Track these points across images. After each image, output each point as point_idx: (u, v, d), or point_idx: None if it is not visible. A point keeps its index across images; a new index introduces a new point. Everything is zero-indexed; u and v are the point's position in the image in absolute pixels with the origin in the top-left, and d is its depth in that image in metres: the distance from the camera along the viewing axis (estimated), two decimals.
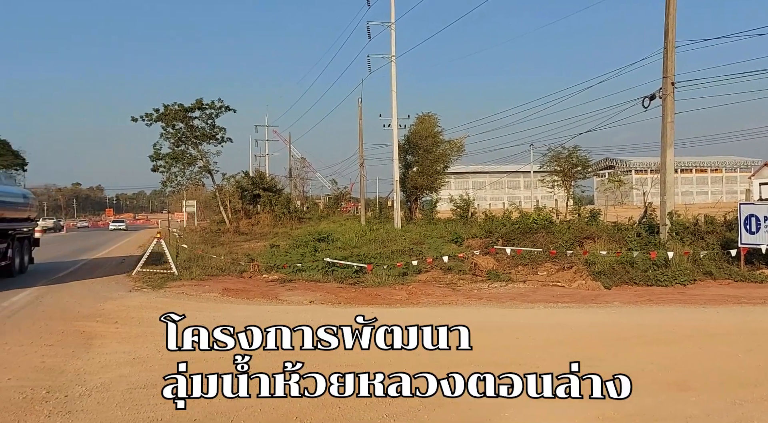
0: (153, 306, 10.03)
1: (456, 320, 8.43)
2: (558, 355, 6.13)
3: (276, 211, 41.61)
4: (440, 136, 32.44)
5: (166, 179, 41.11)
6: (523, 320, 8.59)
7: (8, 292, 12.00)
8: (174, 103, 38.39)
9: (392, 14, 26.87)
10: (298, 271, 14.08)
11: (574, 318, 8.86)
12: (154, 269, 14.83)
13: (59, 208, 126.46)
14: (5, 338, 7.35)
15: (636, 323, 8.36)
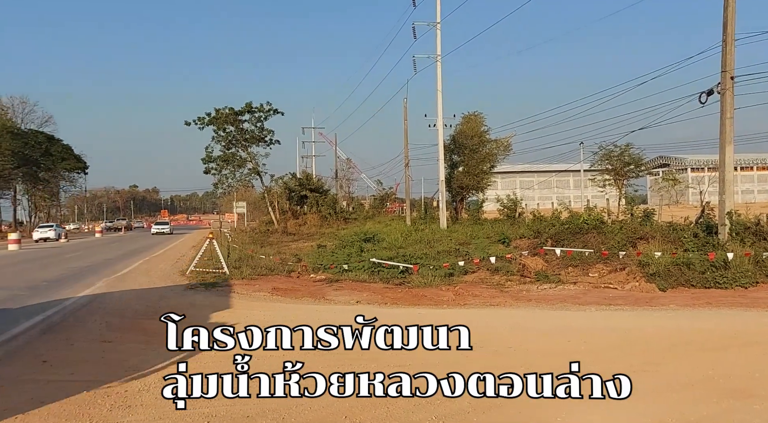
0: (206, 304, 10.34)
1: (505, 322, 8.37)
2: (614, 359, 5.97)
3: (322, 211, 42.14)
4: (486, 136, 32.11)
5: (218, 181, 42.39)
6: (574, 323, 8.39)
7: (72, 289, 12.62)
8: (225, 107, 39.54)
9: (438, 14, 26.81)
10: (345, 271, 14.21)
11: (628, 321, 8.59)
12: (206, 269, 15.27)
13: (118, 209, 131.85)
14: (69, 334, 7.72)
15: (694, 327, 8.03)
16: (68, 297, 11.40)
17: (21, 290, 12.44)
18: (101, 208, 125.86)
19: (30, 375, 5.81)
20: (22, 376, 5.81)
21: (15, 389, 5.34)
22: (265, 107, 40.20)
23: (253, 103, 39.90)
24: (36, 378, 5.70)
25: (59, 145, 54.16)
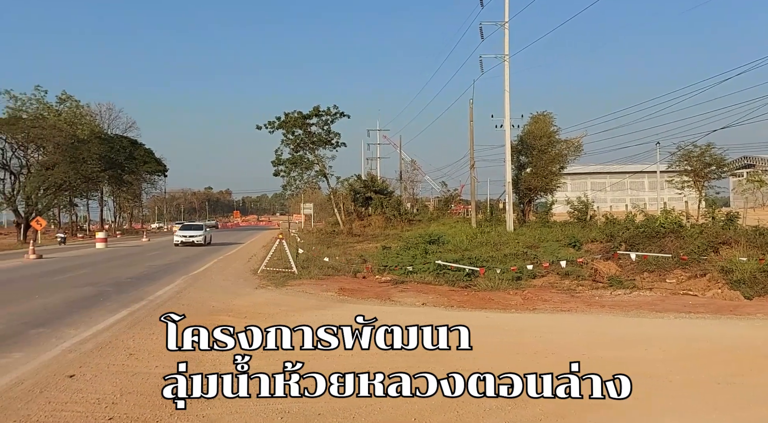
0: (277, 303, 10.68)
1: (576, 328, 8.13)
2: (694, 369, 5.69)
3: (387, 213, 42.46)
4: (556, 136, 31.30)
5: (286, 183, 43.63)
6: (651, 331, 8.03)
7: (154, 285, 13.37)
8: (293, 111, 40.64)
9: (506, 13, 26.43)
10: (410, 273, 14.24)
11: (710, 330, 8.13)
12: (276, 268, 15.76)
13: (194, 210, 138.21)
14: (153, 329, 8.18)
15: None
16: (151, 293, 12.10)
17: (108, 286, 13.31)
18: (179, 208, 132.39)
19: (118, 366, 6.21)
20: (112, 366, 6.22)
21: (106, 380, 5.72)
22: (332, 110, 41.03)
23: (320, 106, 40.84)
24: (123, 370, 6.08)
25: (142, 149, 57.47)
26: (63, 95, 53.58)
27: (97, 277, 15.66)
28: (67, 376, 5.83)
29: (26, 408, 4.86)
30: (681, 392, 5.03)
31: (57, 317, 9.20)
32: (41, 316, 9.37)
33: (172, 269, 17.72)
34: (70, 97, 53.96)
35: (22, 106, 49.37)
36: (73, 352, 6.81)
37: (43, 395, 5.21)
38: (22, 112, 48.47)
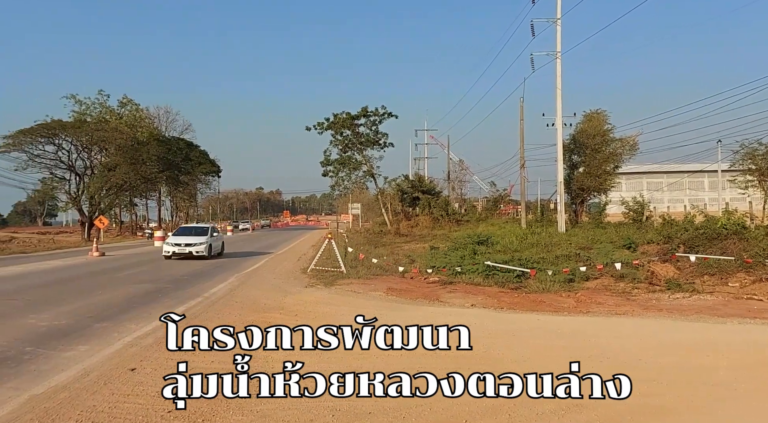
0: (326, 302, 10.83)
1: (633, 332, 7.88)
2: (762, 377, 5.41)
3: (434, 213, 42.27)
4: (610, 134, 30.38)
5: (335, 183, 44.10)
6: (712, 336, 7.69)
7: (209, 283, 13.81)
8: (342, 112, 41.06)
9: (558, 10, 25.87)
10: (458, 274, 14.13)
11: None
12: (325, 267, 15.97)
13: (246, 209, 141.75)
14: (208, 325, 8.43)
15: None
16: (206, 290, 12.50)
17: (166, 284, 13.82)
18: (232, 208, 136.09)
19: (176, 361, 6.42)
20: (170, 360, 6.44)
21: (165, 374, 5.94)
22: (380, 111, 41.21)
23: (368, 107, 41.09)
24: (184, 363, 6.29)
25: (197, 150, 59.33)
26: (124, 99, 55.98)
27: (155, 274, 16.29)
28: (129, 369, 6.09)
29: (92, 399, 5.11)
30: (746, 401, 4.80)
31: (119, 312, 9.64)
32: (105, 311, 9.84)
33: (226, 267, 18.23)
34: (131, 101, 56.31)
35: (86, 110, 51.92)
36: (134, 347, 7.11)
37: (107, 387, 5.46)
38: (86, 116, 50.96)
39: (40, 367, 6.19)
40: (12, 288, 13.34)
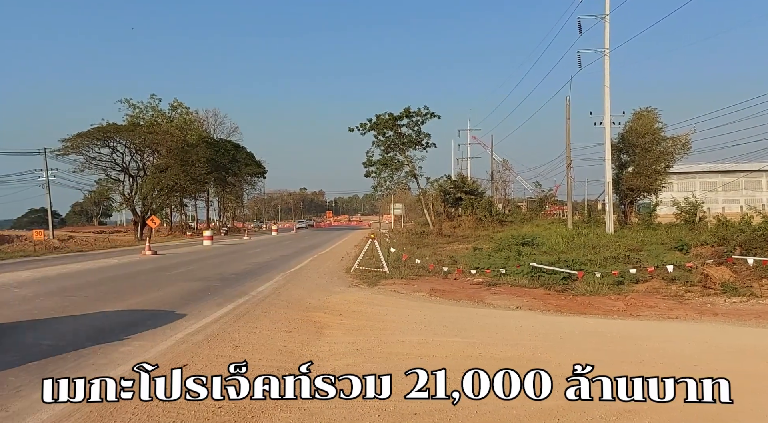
0: (370, 302, 10.89)
1: (687, 337, 7.60)
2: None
3: (477, 214, 41.89)
4: (661, 133, 29.38)
5: (377, 184, 44.28)
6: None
7: (256, 281, 14.10)
8: (384, 113, 41.21)
9: (607, 6, 25.23)
10: (502, 275, 13.97)
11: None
12: (368, 267, 16.06)
13: (290, 210, 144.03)
14: (256, 323, 8.64)
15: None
16: (253, 289, 12.77)
17: (215, 281, 14.20)
18: (276, 208, 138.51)
19: (225, 358, 6.61)
20: (220, 357, 6.63)
21: (215, 370, 6.11)
22: (422, 111, 41.16)
23: (411, 107, 41.10)
24: (230, 361, 6.46)
25: (244, 152, 60.77)
26: (174, 102, 57.90)
27: (205, 272, 16.76)
28: (180, 365, 6.28)
29: (146, 394, 5.29)
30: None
31: (171, 309, 9.96)
32: (158, 307, 10.19)
33: (272, 266, 18.57)
34: (181, 105, 58.17)
35: (139, 113, 53.90)
36: (185, 343, 7.33)
37: (160, 383, 5.64)
38: (139, 119, 52.91)
39: (97, 361, 6.46)
40: (71, 285, 13.98)
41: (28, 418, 4.66)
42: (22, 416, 4.69)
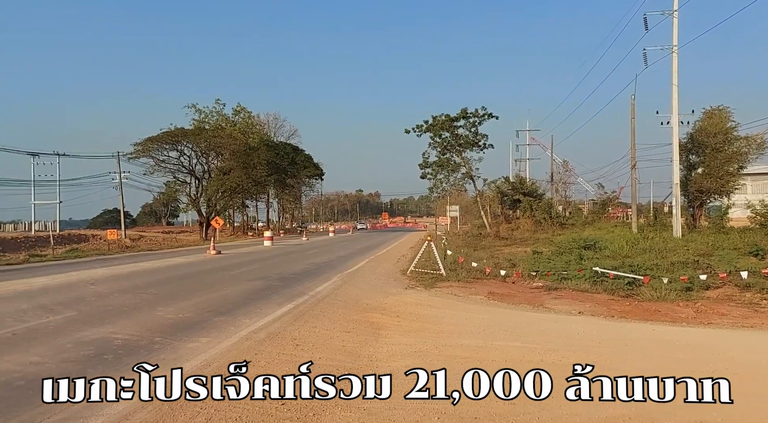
0: (427, 304, 10.89)
1: (763, 347, 7.18)
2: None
3: (536, 216, 41.03)
4: (733, 132, 27.83)
5: (433, 185, 44.15)
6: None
7: (314, 281, 14.38)
8: (441, 114, 41.06)
9: (675, 1, 24.17)
10: (563, 279, 13.64)
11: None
12: (425, 269, 16.05)
13: (346, 211, 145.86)
14: (315, 323, 8.82)
15: None
16: (311, 289, 13.04)
17: (275, 281, 14.59)
18: (333, 210, 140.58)
19: (286, 356, 6.79)
20: (281, 355, 6.82)
21: (277, 367, 6.30)
22: (479, 112, 40.73)
23: (468, 108, 40.76)
24: (291, 359, 6.64)
25: (302, 154, 62.08)
26: (238, 107, 59.89)
27: (266, 272, 17.24)
28: (245, 361, 6.50)
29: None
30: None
31: (235, 307, 10.32)
32: (222, 305, 10.57)
33: (330, 267, 18.88)
34: (244, 109, 60.11)
35: (205, 118, 56.06)
36: (248, 341, 7.58)
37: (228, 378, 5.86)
38: (205, 124, 55.03)
39: (167, 356, 6.78)
40: (142, 283, 14.71)
41: (106, 409, 4.91)
42: (92, 409, 4.85)
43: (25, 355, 6.73)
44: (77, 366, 6.24)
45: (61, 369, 6.13)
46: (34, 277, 16.34)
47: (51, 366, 6.26)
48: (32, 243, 34.01)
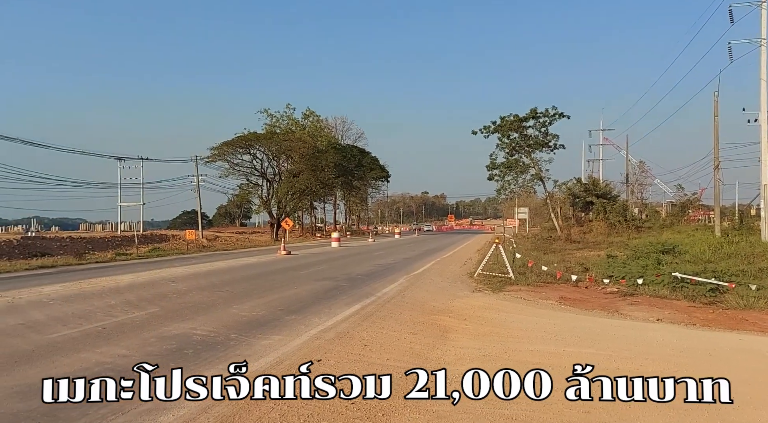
0: (495, 307, 10.74)
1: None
2: None
3: (610, 219, 39.52)
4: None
5: (500, 187, 43.43)
6: None
7: (381, 283, 14.52)
8: (509, 115, 40.35)
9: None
10: (640, 285, 13.07)
11: None
12: (492, 272, 15.83)
13: (411, 213, 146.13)
14: (383, 323, 8.91)
15: None
16: (378, 290, 13.17)
17: (343, 281, 14.84)
18: (398, 212, 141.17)
19: (355, 356, 6.90)
20: (350, 355, 6.94)
21: (346, 367, 6.41)
22: (550, 112, 39.70)
23: (537, 108, 39.83)
24: (360, 359, 6.74)
25: (369, 157, 62.87)
26: (307, 111, 61.50)
27: (333, 272, 17.58)
28: (315, 360, 6.66)
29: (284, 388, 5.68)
30: None
31: (304, 306, 10.59)
32: (293, 304, 10.88)
33: (396, 268, 18.99)
34: (313, 113, 61.65)
35: (276, 122, 57.90)
36: (318, 340, 7.76)
37: (304, 379, 6.02)
38: (276, 128, 56.84)
39: (243, 352, 7.05)
40: (218, 281, 15.38)
41: (184, 403, 5.18)
42: (164, 405, 5.05)
43: (115, 348, 7.21)
44: (160, 359, 6.61)
45: (146, 362, 6.52)
46: (121, 274, 17.44)
47: (137, 358, 6.66)
48: (119, 242, 36.32)
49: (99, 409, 4.74)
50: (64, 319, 9.31)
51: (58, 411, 4.63)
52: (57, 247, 30.82)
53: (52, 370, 6.11)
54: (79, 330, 8.35)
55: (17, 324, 8.87)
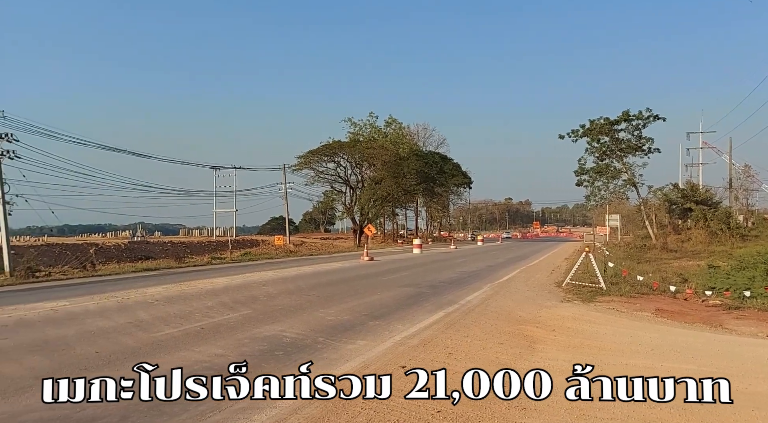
0: (586, 319, 10.31)
1: None
2: None
3: (711, 226, 36.81)
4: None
5: (590, 193, 41.74)
6: None
7: (464, 290, 14.38)
8: (599, 118, 38.73)
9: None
10: (746, 298, 12.08)
11: None
12: (582, 282, 15.21)
13: (494, 220, 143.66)
14: (467, 332, 8.82)
15: None
16: (461, 297, 13.05)
17: (425, 288, 14.85)
18: (481, 218, 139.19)
19: (439, 364, 6.87)
20: (434, 362, 6.92)
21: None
22: (644, 114, 37.68)
23: (630, 111, 37.95)
24: (445, 367, 6.70)
25: (450, 163, 62.57)
26: (389, 119, 62.21)
27: (416, 279, 17.63)
28: (400, 366, 6.71)
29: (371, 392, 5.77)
30: None
31: (388, 312, 10.70)
32: (376, 310, 11.03)
33: (479, 276, 18.73)
34: (395, 120, 62.32)
35: (359, 130, 59.07)
36: (402, 346, 7.81)
37: (385, 382, 6.10)
38: (359, 136, 58.00)
39: (330, 355, 7.24)
40: (305, 285, 15.88)
41: (278, 402, 5.37)
42: (257, 404, 5.13)
43: (212, 347, 7.63)
44: (253, 360, 6.92)
45: (242, 362, 6.85)
46: (216, 277, 18.44)
47: (232, 358, 7.02)
48: (214, 246, 38.49)
49: (198, 405, 5.03)
50: (167, 318, 9.98)
51: (163, 406, 4.96)
52: (159, 251, 33.17)
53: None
54: (180, 329, 8.92)
55: (126, 323, 9.62)
